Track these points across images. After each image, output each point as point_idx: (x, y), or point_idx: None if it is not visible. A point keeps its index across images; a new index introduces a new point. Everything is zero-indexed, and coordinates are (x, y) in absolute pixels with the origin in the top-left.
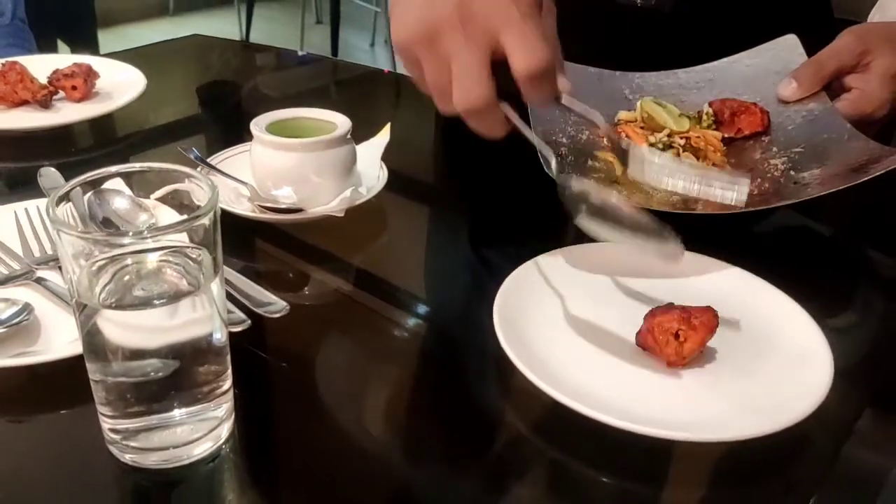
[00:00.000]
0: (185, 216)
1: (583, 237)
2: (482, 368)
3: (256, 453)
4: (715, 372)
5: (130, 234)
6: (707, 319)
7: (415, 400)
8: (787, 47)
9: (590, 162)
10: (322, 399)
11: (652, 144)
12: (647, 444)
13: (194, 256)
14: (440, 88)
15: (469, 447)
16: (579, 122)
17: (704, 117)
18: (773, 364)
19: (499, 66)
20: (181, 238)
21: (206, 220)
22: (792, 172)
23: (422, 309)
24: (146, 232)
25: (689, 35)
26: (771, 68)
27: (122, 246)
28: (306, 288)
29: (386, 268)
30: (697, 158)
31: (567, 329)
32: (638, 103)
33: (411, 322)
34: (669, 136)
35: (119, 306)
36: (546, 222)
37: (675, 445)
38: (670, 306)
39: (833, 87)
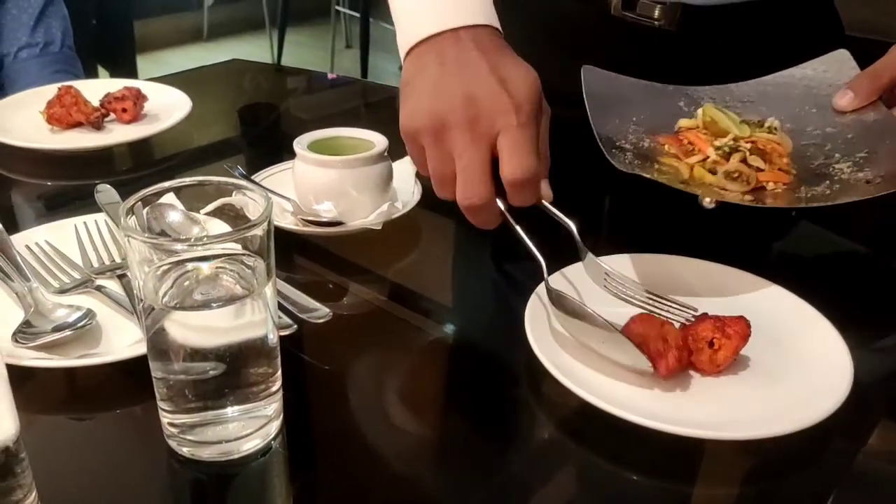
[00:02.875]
0: (240, 226)
1: (613, 250)
2: (513, 373)
3: (302, 450)
4: (742, 376)
5: (191, 240)
6: (740, 329)
7: (448, 403)
8: (839, 60)
9: (655, 166)
10: (362, 401)
11: (718, 148)
12: (676, 444)
13: (249, 263)
14: (441, 178)
15: (502, 449)
16: (639, 129)
17: (768, 123)
18: (797, 370)
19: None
20: (237, 246)
21: (259, 230)
22: (860, 174)
23: (453, 318)
24: (206, 239)
25: (698, 54)
26: (824, 81)
27: (183, 252)
28: (345, 298)
29: (420, 279)
30: (765, 161)
31: (596, 336)
32: (699, 110)
33: (443, 330)
34: (735, 140)
35: (180, 308)
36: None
37: (702, 445)
38: (704, 316)
39: (886, 99)
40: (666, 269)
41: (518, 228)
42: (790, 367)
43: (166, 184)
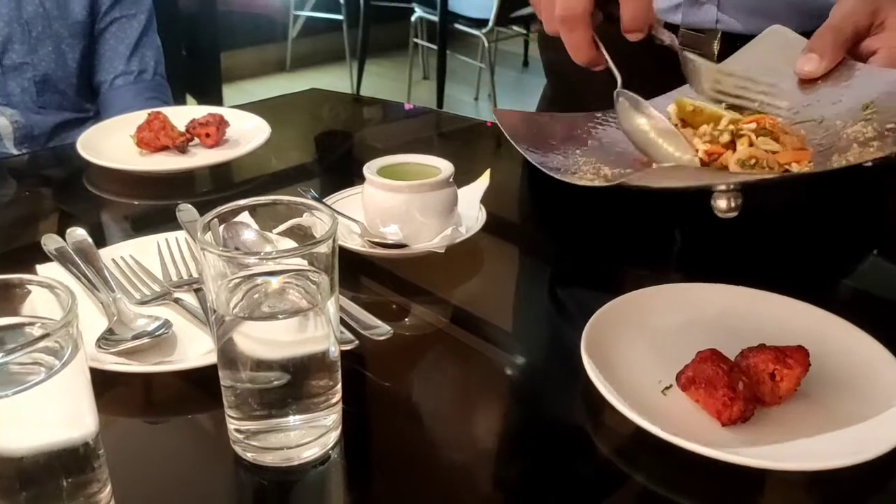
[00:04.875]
0: (307, 242)
1: (669, 278)
2: (569, 400)
3: (359, 462)
4: (803, 407)
5: (261, 254)
6: (800, 358)
7: (503, 426)
8: (777, 34)
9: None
10: (418, 418)
11: (713, 135)
12: (734, 475)
13: (314, 279)
14: (548, 3)
15: (556, 474)
16: (591, 161)
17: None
18: (858, 401)
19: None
20: (303, 263)
21: (324, 247)
22: (886, 127)
23: (511, 342)
24: (274, 253)
25: None
26: (769, 60)
27: (254, 266)
28: (407, 318)
29: (480, 303)
30: (777, 141)
31: (652, 363)
32: (669, 107)
33: (501, 354)
34: (734, 123)
35: (249, 318)
36: (631, 263)
37: (761, 475)
38: (762, 348)
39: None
40: (723, 299)
41: (604, 51)
42: (851, 399)
43: (241, 202)
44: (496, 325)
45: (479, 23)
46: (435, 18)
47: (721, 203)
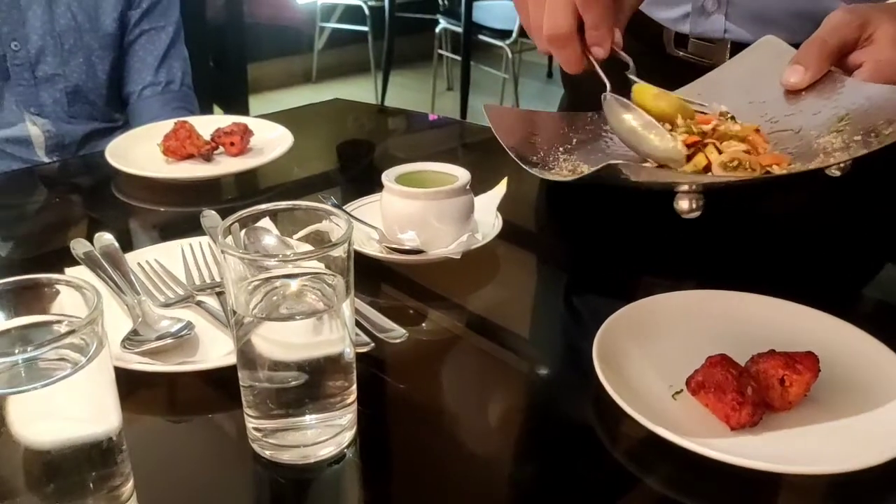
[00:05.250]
0: (324, 245)
1: (680, 286)
2: (581, 404)
3: (373, 461)
4: (812, 412)
5: (279, 256)
6: (810, 364)
7: (518, 430)
8: (770, 44)
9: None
10: (433, 419)
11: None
12: (745, 478)
13: (330, 282)
14: (537, 25)
15: (568, 477)
16: (571, 158)
17: (718, 110)
18: (869, 406)
19: None
20: (320, 266)
21: (340, 251)
22: (856, 137)
23: (525, 347)
24: (291, 256)
25: None
26: (758, 69)
27: (273, 268)
28: (424, 323)
29: (497, 308)
30: (743, 142)
31: (663, 368)
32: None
33: (515, 359)
34: (702, 135)
35: (267, 319)
36: (643, 271)
37: (771, 479)
38: (772, 353)
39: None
40: (734, 306)
41: (594, 62)
42: (861, 404)
43: (261, 206)
44: (510, 330)
45: (503, 34)
46: (459, 30)
47: (683, 204)
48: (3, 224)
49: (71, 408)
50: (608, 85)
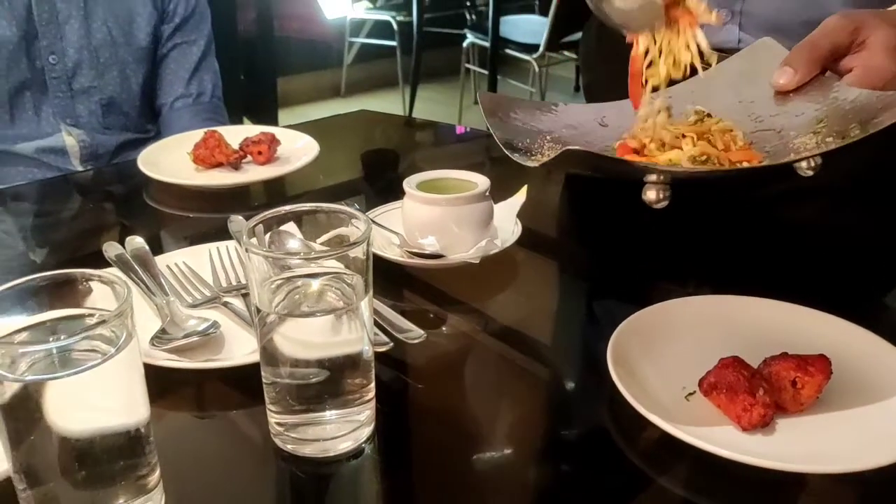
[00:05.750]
0: (344, 245)
1: (695, 291)
2: (596, 403)
3: (390, 456)
4: (824, 414)
5: (300, 254)
6: (822, 367)
7: (532, 427)
8: (766, 46)
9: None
10: (450, 419)
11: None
12: (754, 476)
13: (349, 282)
14: None
15: (580, 472)
16: (556, 147)
17: (695, 110)
18: (880, 407)
19: None
20: (340, 266)
21: (359, 250)
22: (828, 138)
23: (543, 349)
24: (312, 254)
25: None
26: (752, 70)
27: (295, 267)
28: (443, 326)
29: (514, 312)
30: (709, 142)
31: (677, 370)
32: None
33: (533, 361)
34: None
35: (289, 315)
36: (658, 277)
37: (779, 479)
38: (784, 356)
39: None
40: (747, 310)
41: None
42: (873, 406)
43: (284, 208)
44: (527, 333)
45: (530, 48)
46: (486, 44)
47: (651, 194)
48: (39, 229)
49: (102, 397)
50: None
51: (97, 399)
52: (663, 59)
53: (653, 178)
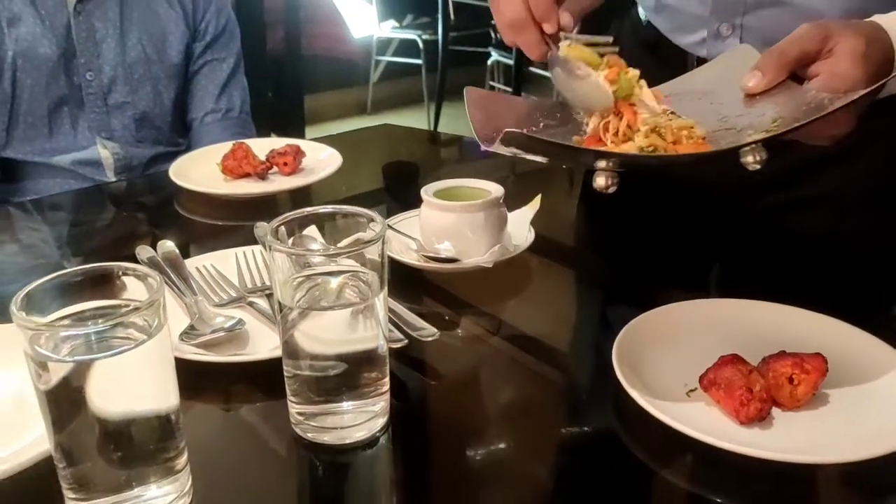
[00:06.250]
0: (361, 242)
1: (698, 295)
2: (602, 400)
3: (403, 446)
4: (821, 410)
5: (320, 250)
6: (818, 364)
7: (541, 423)
8: (742, 52)
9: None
10: (461, 413)
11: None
12: (751, 467)
13: (365, 279)
14: (498, 18)
15: (587, 466)
16: None
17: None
18: (875, 403)
19: None
20: (356, 265)
21: (375, 249)
22: (771, 138)
23: (552, 349)
24: (331, 250)
25: None
26: (727, 74)
27: (315, 265)
28: (456, 327)
29: (526, 314)
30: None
31: (679, 369)
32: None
33: (542, 361)
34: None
35: (310, 309)
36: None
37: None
38: (782, 354)
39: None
40: (747, 313)
41: (552, 45)
42: (867, 401)
43: (305, 210)
44: (537, 335)
45: None
46: (510, 62)
47: (600, 181)
48: (75, 237)
49: (136, 382)
50: (556, 50)
51: (132, 383)
52: (611, 139)
53: (602, 164)
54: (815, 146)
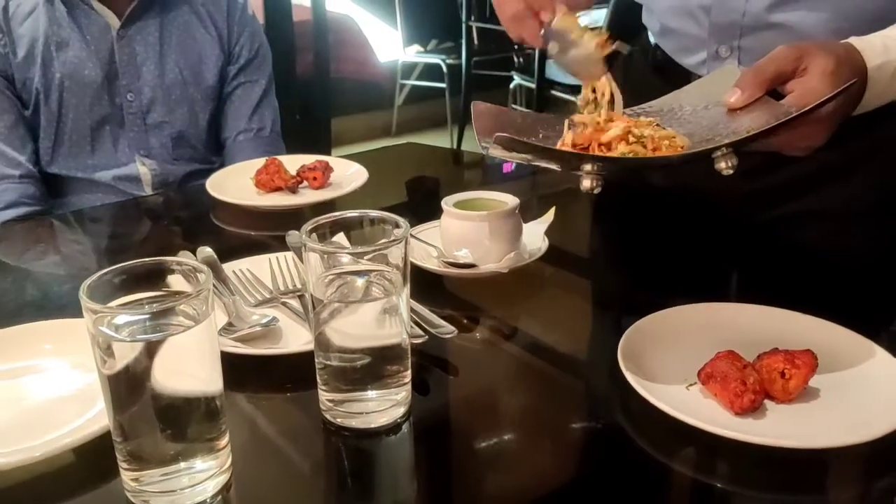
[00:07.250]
0: (385, 241)
1: (699, 299)
2: (608, 394)
3: (422, 433)
4: (811, 402)
5: (350, 249)
6: (808, 360)
7: (552, 417)
8: (727, 72)
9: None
10: (477, 406)
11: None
12: (744, 454)
13: (389, 278)
14: (500, 13)
15: (595, 455)
16: None
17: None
18: (860, 397)
19: None
20: (382, 265)
21: (398, 250)
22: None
23: (563, 350)
24: (361, 249)
25: None
26: (712, 92)
27: (345, 265)
28: (474, 328)
29: (539, 317)
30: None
31: (680, 366)
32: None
33: (554, 360)
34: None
35: (340, 301)
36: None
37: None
38: (775, 350)
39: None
40: (745, 315)
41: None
42: (853, 394)
43: (335, 214)
44: (549, 335)
45: (576, 89)
46: (532, 85)
47: (585, 183)
48: (116, 249)
49: (187, 363)
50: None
51: (184, 364)
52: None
53: (587, 167)
54: (798, 158)
